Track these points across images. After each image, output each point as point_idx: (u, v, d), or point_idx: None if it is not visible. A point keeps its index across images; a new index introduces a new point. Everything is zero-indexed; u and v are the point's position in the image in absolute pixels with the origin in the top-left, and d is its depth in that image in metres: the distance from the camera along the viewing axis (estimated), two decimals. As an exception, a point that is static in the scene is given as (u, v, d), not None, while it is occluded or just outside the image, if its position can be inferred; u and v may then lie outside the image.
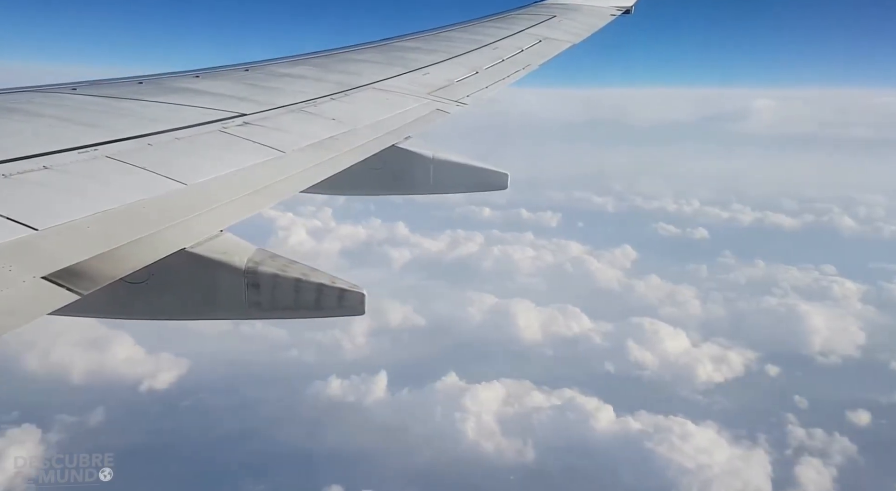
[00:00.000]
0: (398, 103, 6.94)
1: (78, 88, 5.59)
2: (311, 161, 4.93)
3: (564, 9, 12.87)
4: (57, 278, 2.75)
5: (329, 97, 6.59)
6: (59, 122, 4.57)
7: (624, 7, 13.22)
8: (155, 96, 5.65)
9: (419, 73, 8.20)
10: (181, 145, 4.57)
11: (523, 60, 9.52)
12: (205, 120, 5.14)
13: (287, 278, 3.80)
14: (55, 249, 2.94)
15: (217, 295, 3.84)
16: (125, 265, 3.09)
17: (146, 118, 4.95)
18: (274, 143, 4.99)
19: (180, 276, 3.69)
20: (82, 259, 2.93)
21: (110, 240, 3.16)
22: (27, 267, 2.74)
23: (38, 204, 3.25)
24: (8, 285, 2.62)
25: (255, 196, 4.18)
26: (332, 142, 5.42)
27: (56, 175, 3.62)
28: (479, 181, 6.88)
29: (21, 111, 4.67)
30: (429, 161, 6.55)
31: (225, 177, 4.25)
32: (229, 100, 5.88)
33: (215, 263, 3.69)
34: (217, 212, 3.85)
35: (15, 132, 4.25)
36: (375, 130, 6.01)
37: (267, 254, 3.90)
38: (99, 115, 4.92)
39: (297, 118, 5.80)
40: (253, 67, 7.45)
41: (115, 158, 4.03)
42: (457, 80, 8.21)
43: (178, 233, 3.53)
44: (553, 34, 11.09)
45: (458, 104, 7.38)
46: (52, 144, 3.97)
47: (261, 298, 3.81)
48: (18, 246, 2.85)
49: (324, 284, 3.84)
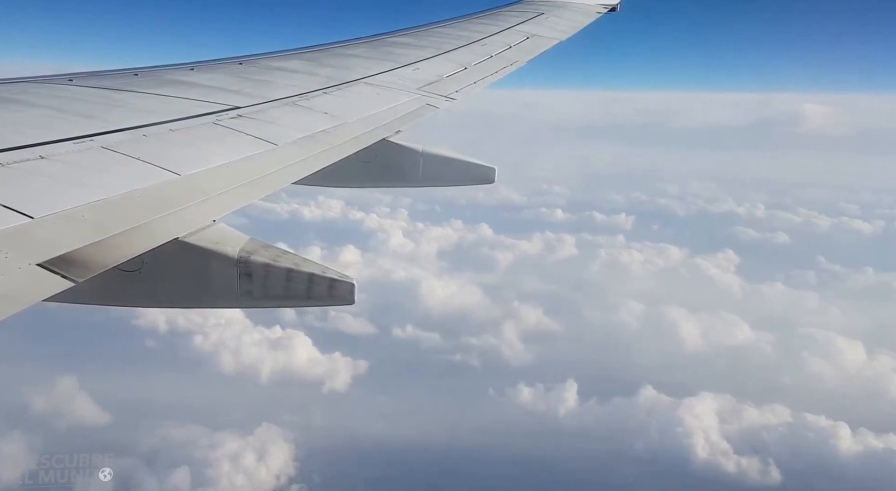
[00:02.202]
0: (389, 98, 7.03)
1: (74, 79, 5.64)
2: (303, 153, 5.01)
3: (551, 6, 12.96)
4: (52, 266, 2.80)
5: (321, 91, 6.67)
6: (55, 112, 4.63)
7: (610, 5, 13.35)
8: (150, 88, 5.72)
9: (409, 68, 8.29)
10: (176, 137, 4.64)
11: (511, 57, 9.62)
12: (199, 112, 5.21)
13: (279, 268, 3.88)
14: (50, 236, 2.99)
15: (210, 284, 3.91)
16: (119, 254, 3.15)
17: (141, 110, 5.02)
18: (267, 136, 5.07)
19: (173, 265, 3.76)
20: (77, 247, 2.98)
21: (105, 229, 3.21)
22: (23, 254, 2.79)
23: (34, 193, 3.31)
24: (4, 272, 2.67)
25: (247, 187, 4.27)
26: (324, 135, 5.50)
27: (52, 164, 3.68)
28: (467, 175, 6.98)
29: (18, 101, 4.73)
30: (418, 155, 6.64)
31: (218, 168, 4.33)
32: (223, 93, 5.95)
33: (208, 253, 3.76)
34: (210, 202, 3.93)
35: (12, 122, 4.31)
36: (366, 124, 6.10)
37: (259, 244, 3.97)
38: (95, 106, 4.98)
39: (289, 111, 5.88)
40: (247, 61, 7.51)
41: (111, 149, 4.10)
42: (446, 75, 8.30)
43: (172, 222, 3.60)
44: (540, 31, 11.20)
45: (448, 99, 7.48)
46: (48, 134, 4.04)
47: (253, 287, 3.89)
48: (14, 233, 2.90)
49: (315, 274, 3.93)
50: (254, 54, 7.95)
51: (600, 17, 12.85)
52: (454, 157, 6.91)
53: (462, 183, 7.09)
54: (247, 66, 7.30)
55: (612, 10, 13.30)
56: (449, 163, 6.86)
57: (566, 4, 13.24)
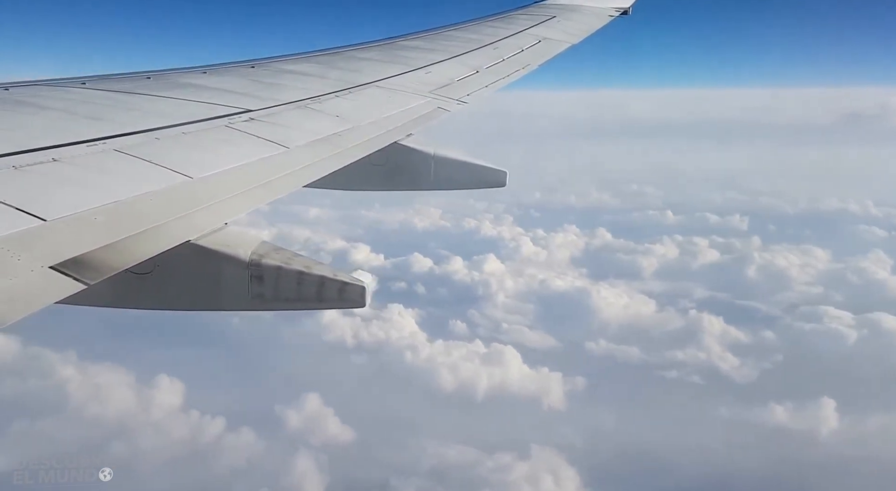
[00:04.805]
0: (400, 101, 7.02)
1: (87, 82, 5.66)
2: (315, 156, 5.00)
3: (563, 9, 12.94)
4: (64, 268, 2.80)
5: (333, 94, 6.67)
6: (68, 115, 4.64)
7: (622, 8, 13.30)
8: (162, 91, 5.73)
9: (421, 71, 8.28)
10: (188, 140, 4.64)
11: (523, 60, 9.60)
12: (211, 115, 5.21)
13: (290, 270, 3.87)
14: (63, 239, 3.00)
15: (221, 286, 3.90)
16: (131, 256, 3.15)
17: (154, 113, 5.03)
18: (278, 139, 5.06)
19: (185, 267, 3.75)
20: (89, 250, 2.98)
21: (117, 231, 3.21)
22: (36, 257, 2.79)
23: (47, 195, 3.31)
24: (17, 274, 2.68)
25: (259, 190, 4.26)
26: (336, 138, 5.49)
27: (65, 167, 3.69)
28: (479, 178, 6.98)
29: (30, 104, 4.75)
30: (430, 158, 6.63)
31: (230, 171, 4.32)
32: (235, 96, 5.96)
33: (219, 255, 3.75)
34: (222, 205, 3.92)
35: (25, 125, 4.33)
36: (378, 127, 6.09)
37: (270, 246, 3.96)
38: (107, 109, 5.00)
39: (301, 114, 5.87)
40: (258, 64, 7.52)
41: (123, 152, 4.10)
42: (458, 78, 8.28)
43: (184, 225, 3.59)
44: (552, 34, 11.18)
45: (460, 102, 7.46)
46: (61, 137, 4.04)
47: (264, 290, 3.88)
48: (27, 236, 2.91)
49: (326, 277, 3.91)
50: (265, 57, 7.96)
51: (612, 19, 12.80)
52: (466, 160, 6.90)
53: (473, 186, 7.08)
54: (258, 69, 7.31)
55: (625, 13, 13.26)
56: (460, 166, 6.86)
57: (578, 7, 13.21)
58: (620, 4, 13.38)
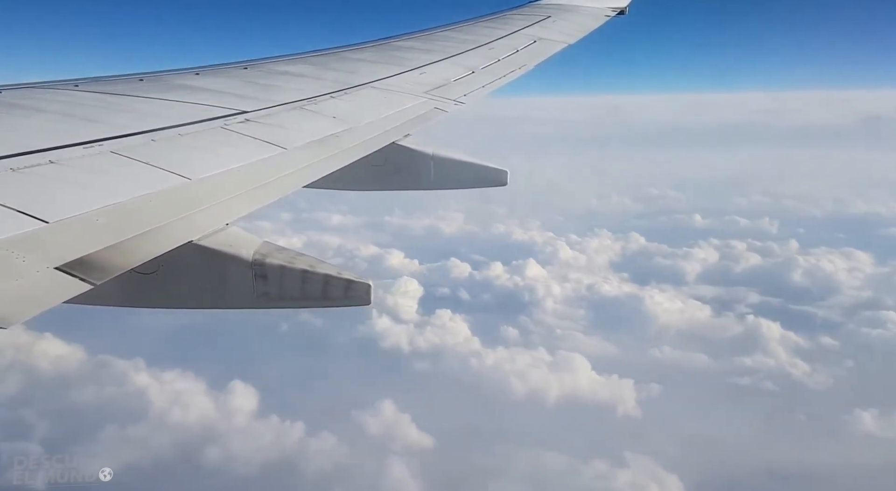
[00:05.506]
0: (397, 102, 6.99)
1: (80, 85, 5.61)
2: (312, 157, 4.98)
3: (559, 9, 12.93)
4: (70, 269, 2.81)
5: (329, 95, 6.63)
6: (63, 117, 4.60)
7: (618, 8, 13.30)
8: (156, 93, 5.68)
9: (416, 72, 8.25)
10: (185, 141, 4.61)
11: (519, 60, 9.58)
12: (207, 117, 5.18)
13: (294, 269, 3.86)
14: (66, 241, 2.99)
15: (226, 286, 3.88)
16: (135, 257, 3.15)
17: (149, 114, 4.99)
18: (276, 140, 5.03)
19: (189, 267, 3.73)
20: (93, 251, 2.98)
21: (119, 232, 3.21)
22: (40, 258, 2.80)
23: (47, 198, 3.29)
24: (23, 275, 2.68)
25: (258, 191, 4.23)
26: (334, 139, 5.46)
27: (63, 169, 3.66)
28: (479, 178, 6.97)
29: (24, 106, 4.69)
30: (429, 158, 6.61)
31: (229, 172, 4.30)
32: (230, 97, 5.92)
33: (223, 255, 3.73)
34: (222, 206, 3.91)
35: (20, 127, 4.28)
36: (375, 128, 6.07)
37: (273, 246, 3.96)
38: (102, 111, 4.95)
39: (297, 115, 5.84)
40: (252, 65, 7.47)
41: (121, 153, 4.07)
42: (453, 79, 8.26)
43: (185, 226, 3.58)
44: (548, 34, 11.17)
45: (457, 103, 7.44)
46: (57, 139, 4.01)
47: (269, 289, 3.86)
48: (30, 238, 2.90)
49: (330, 275, 3.90)
50: (258, 58, 7.91)
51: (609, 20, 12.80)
52: (466, 160, 6.89)
53: (474, 185, 7.06)
54: (252, 70, 7.27)
55: (621, 13, 13.25)
56: (461, 166, 6.85)
57: (574, 8, 13.21)
58: (617, 4, 13.38)
